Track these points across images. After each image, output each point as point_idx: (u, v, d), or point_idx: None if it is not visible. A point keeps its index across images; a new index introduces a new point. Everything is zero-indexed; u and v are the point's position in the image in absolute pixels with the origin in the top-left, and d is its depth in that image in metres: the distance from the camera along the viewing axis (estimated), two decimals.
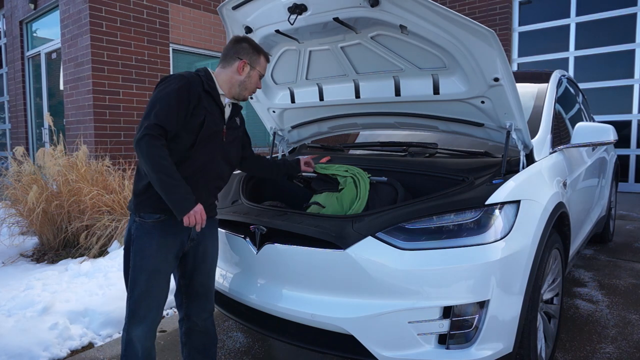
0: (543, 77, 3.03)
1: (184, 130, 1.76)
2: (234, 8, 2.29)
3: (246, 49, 1.95)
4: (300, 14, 2.10)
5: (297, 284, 1.95)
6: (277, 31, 2.31)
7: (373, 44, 2.22)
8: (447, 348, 1.73)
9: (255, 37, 2.43)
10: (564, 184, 2.48)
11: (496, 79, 2.00)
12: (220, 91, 1.92)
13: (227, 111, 1.97)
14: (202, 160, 1.82)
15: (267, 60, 2.04)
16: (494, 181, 1.98)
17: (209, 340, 2.03)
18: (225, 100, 1.95)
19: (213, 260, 2.01)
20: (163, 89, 1.75)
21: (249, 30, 2.40)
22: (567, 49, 8.34)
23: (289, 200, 2.88)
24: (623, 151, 7.73)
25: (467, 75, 2.09)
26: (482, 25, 1.84)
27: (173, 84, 1.75)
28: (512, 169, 2.12)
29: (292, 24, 2.16)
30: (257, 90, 2.09)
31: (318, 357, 2.47)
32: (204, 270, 1.96)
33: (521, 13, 8.86)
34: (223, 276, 2.27)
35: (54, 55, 7.25)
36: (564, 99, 3.23)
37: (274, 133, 3.13)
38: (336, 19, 2.08)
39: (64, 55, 6.39)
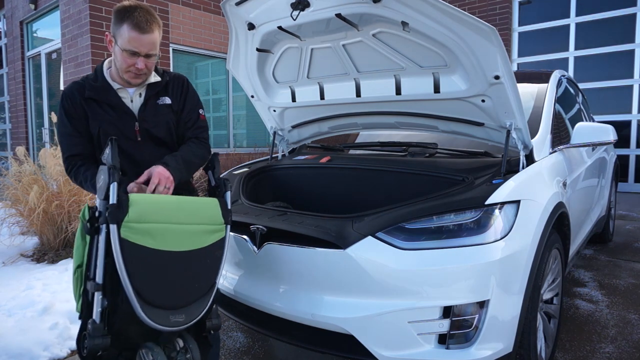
0: (543, 77, 3.03)
1: (93, 147, 1.69)
2: (237, 4, 2.30)
3: (113, 18, 1.59)
4: (302, 10, 2.11)
5: (297, 284, 1.95)
6: (280, 28, 2.31)
7: (374, 42, 2.22)
8: (447, 348, 1.73)
9: (258, 33, 2.43)
10: (564, 184, 2.48)
11: (497, 77, 2.00)
12: (116, 85, 1.68)
13: (138, 101, 1.71)
14: (127, 170, 1.66)
15: (135, 29, 1.55)
16: (493, 181, 1.98)
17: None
18: (130, 91, 1.70)
19: None
20: (58, 116, 1.70)
21: (251, 26, 2.40)
22: (567, 49, 8.34)
23: (291, 200, 2.89)
24: (623, 151, 7.73)
25: (468, 73, 2.09)
26: (483, 22, 1.84)
27: (60, 111, 1.68)
28: (512, 169, 2.12)
29: (294, 20, 2.16)
30: (258, 88, 1.97)
31: (318, 357, 2.47)
32: None
33: (521, 13, 8.87)
34: (223, 276, 2.27)
35: (54, 56, 7.25)
36: (564, 99, 3.23)
37: (274, 133, 3.13)
38: (338, 15, 2.08)
39: (64, 55, 6.40)
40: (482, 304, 1.74)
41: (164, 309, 1.44)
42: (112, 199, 1.39)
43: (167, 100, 1.79)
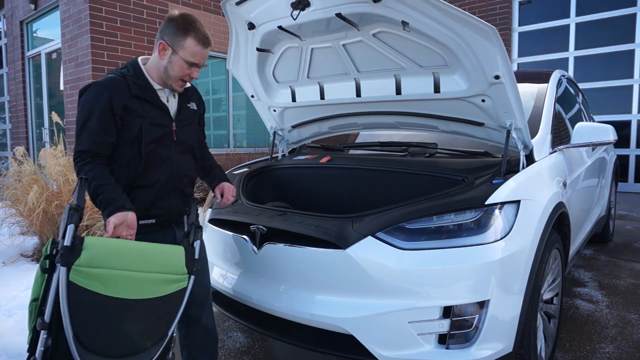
0: (543, 77, 3.03)
1: (123, 145, 1.66)
2: (238, 4, 2.30)
3: (171, 27, 1.65)
4: (303, 9, 2.11)
5: (297, 284, 1.95)
6: (280, 27, 2.31)
7: (375, 42, 2.22)
8: (447, 348, 1.73)
9: (258, 33, 2.43)
10: (564, 184, 2.48)
11: (497, 77, 2.00)
12: (157, 86, 1.72)
13: (174, 104, 1.79)
14: (158, 169, 1.72)
15: (202, 44, 1.66)
16: (494, 181, 1.98)
17: (210, 339, 2.01)
18: (166, 92, 1.75)
19: (203, 257, 1.96)
20: (83, 107, 1.63)
21: (252, 26, 2.40)
22: (567, 49, 8.34)
23: (291, 200, 2.88)
24: (623, 151, 7.73)
25: (468, 73, 2.09)
26: (483, 22, 1.84)
27: (90, 104, 1.61)
28: (512, 169, 2.12)
29: (294, 19, 2.16)
30: (258, 88, 2.00)
31: (318, 357, 2.47)
32: (198, 268, 1.93)
33: (521, 13, 8.86)
34: (223, 276, 2.27)
35: (54, 55, 7.25)
36: (564, 99, 3.23)
37: (274, 133, 3.13)
38: (339, 15, 2.08)
39: (64, 55, 6.40)
40: (482, 304, 1.74)
41: (104, 356, 1.39)
42: (66, 241, 1.37)
43: (194, 106, 1.89)
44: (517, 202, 1.88)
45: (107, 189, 1.58)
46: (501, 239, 1.78)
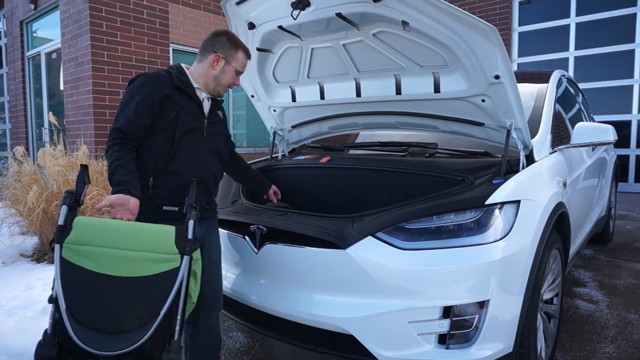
0: (543, 77, 3.03)
1: (158, 130, 1.78)
2: (238, 4, 2.30)
3: (223, 42, 1.90)
4: (303, 9, 2.11)
5: (297, 284, 1.95)
6: (280, 27, 2.31)
7: (375, 41, 2.22)
8: (447, 348, 1.73)
9: (258, 33, 2.43)
10: (564, 184, 2.48)
11: (497, 77, 2.00)
12: (196, 85, 1.90)
13: (207, 105, 1.95)
14: (186, 157, 1.83)
15: (247, 56, 1.97)
16: (494, 181, 1.98)
17: (214, 342, 2.01)
18: (202, 95, 1.92)
19: (217, 259, 2.00)
20: (127, 93, 1.78)
21: (252, 26, 2.40)
22: (567, 49, 8.34)
23: (291, 200, 2.88)
24: (623, 151, 7.72)
25: (468, 73, 2.09)
26: (483, 21, 1.84)
27: (134, 91, 1.77)
28: (512, 169, 2.12)
29: (295, 19, 2.16)
30: (259, 88, 2.06)
31: (318, 357, 2.47)
32: (211, 269, 1.94)
33: (521, 13, 8.86)
34: (223, 276, 2.27)
35: (54, 55, 7.25)
36: (564, 99, 3.23)
37: (274, 133, 3.13)
38: (339, 15, 2.08)
39: (64, 55, 6.40)
40: (482, 304, 1.74)
41: (96, 331, 1.45)
42: (60, 221, 1.49)
43: (221, 115, 2.06)
44: (517, 202, 1.88)
45: (124, 171, 1.66)
46: (501, 239, 1.78)
